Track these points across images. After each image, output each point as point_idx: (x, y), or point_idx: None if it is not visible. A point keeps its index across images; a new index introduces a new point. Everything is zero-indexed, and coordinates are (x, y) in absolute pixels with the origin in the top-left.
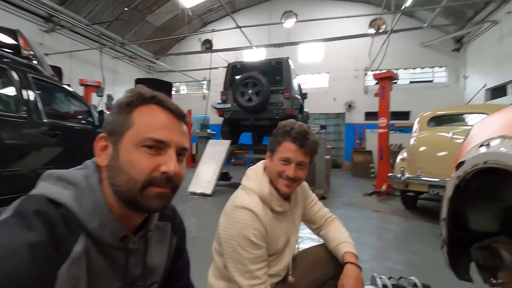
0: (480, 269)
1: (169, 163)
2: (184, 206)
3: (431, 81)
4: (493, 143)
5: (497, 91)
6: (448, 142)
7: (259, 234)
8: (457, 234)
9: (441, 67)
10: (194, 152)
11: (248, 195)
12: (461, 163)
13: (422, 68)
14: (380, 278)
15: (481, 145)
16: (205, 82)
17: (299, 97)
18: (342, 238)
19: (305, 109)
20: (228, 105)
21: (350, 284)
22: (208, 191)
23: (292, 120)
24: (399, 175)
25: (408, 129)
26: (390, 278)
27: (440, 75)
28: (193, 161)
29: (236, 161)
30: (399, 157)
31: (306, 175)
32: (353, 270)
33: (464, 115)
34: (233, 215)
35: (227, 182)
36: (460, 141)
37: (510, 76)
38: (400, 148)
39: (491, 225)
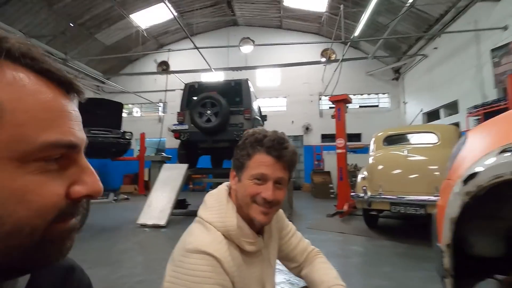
0: None
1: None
2: (130, 242)
3: (377, 105)
4: None
5: (432, 115)
6: (403, 159)
7: None
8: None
9: (384, 93)
10: (146, 179)
11: (206, 232)
12: (472, 176)
13: (369, 94)
14: None
15: (503, 152)
16: (161, 104)
17: (259, 118)
18: (332, 281)
19: None
20: (185, 127)
21: None
22: (162, 221)
23: (262, 127)
24: (361, 194)
25: (360, 150)
26: None
27: (384, 100)
28: (146, 188)
29: (194, 187)
30: (359, 176)
31: (285, 196)
32: None
33: (410, 135)
34: (185, 264)
35: (184, 210)
36: (414, 158)
37: (441, 102)
38: (356, 168)
39: (496, 249)
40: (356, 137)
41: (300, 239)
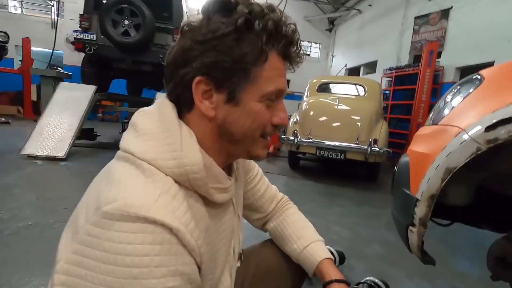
0: (503, 266)
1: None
2: (13, 176)
3: (309, 54)
4: None
5: (353, 71)
6: (332, 107)
7: (188, 277)
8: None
9: (316, 43)
10: (34, 98)
11: (145, 180)
12: (506, 121)
13: (303, 41)
14: None
15: None
16: (53, 2)
17: None
18: (309, 236)
19: None
20: (92, 36)
21: None
22: (60, 153)
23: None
24: (292, 137)
25: (288, 96)
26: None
27: (315, 50)
28: (36, 112)
29: (104, 116)
30: (291, 120)
31: None
32: None
33: (341, 85)
34: (103, 242)
35: (92, 142)
36: (341, 107)
37: (363, 60)
38: None
39: (465, 198)
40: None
41: (268, 184)
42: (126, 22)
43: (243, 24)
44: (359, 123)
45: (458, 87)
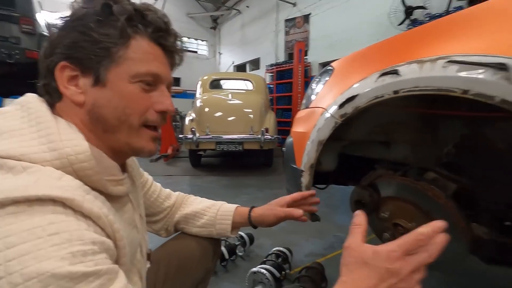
0: (360, 207)
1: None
2: None
3: (196, 51)
4: (405, 69)
5: (240, 68)
6: (225, 103)
7: (101, 245)
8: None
9: (203, 40)
10: None
11: (16, 177)
12: (350, 99)
13: (189, 38)
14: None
15: (382, 75)
16: None
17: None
18: (219, 202)
19: None
20: None
21: None
22: None
23: None
24: (190, 136)
25: (180, 95)
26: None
27: (202, 48)
28: None
29: None
30: (187, 119)
31: None
32: None
33: (231, 81)
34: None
35: None
36: (234, 102)
37: (248, 57)
38: (177, 112)
39: (333, 164)
40: (176, 81)
41: (160, 187)
42: None
43: (101, 7)
44: (251, 115)
45: (319, 77)
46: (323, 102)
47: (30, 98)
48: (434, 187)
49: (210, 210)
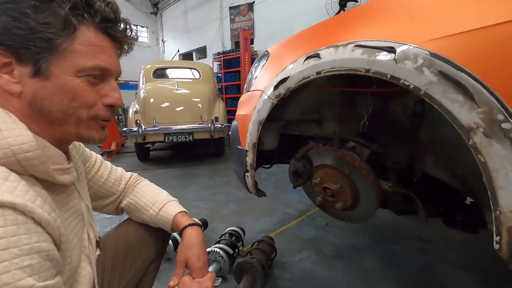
0: (296, 177)
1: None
2: None
3: (136, 39)
4: (325, 53)
5: (187, 56)
6: (171, 93)
7: (46, 254)
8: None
9: (143, 27)
10: None
11: None
12: (283, 81)
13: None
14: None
15: (307, 58)
16: None
17: None
18: (163, 199)
19: None
20: None
21: (196, 255)
22: None
23: None
24: (135, 128)
25: (121, 86)
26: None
27: (143, 35)
28: None
29: None
30: (131, 111)
31: None
32: (195, 233)
33: (176, 70)
34: None
35: None
36: (181, 91)
37: (194, 45)
38: None
39: (274, 143)
40: None
41: (111, 168)
42: None
43: None
44: (200, 105)
45: (257, 62)
46: (261, 84)
47: None
48: (352, 153)
49: (152, 207)
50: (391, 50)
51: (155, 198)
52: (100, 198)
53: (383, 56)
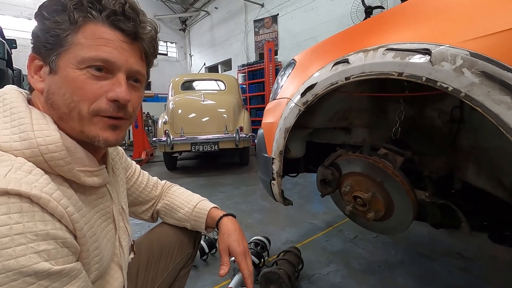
0: (325, 185)
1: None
2: None
3: (166, 54)
4: (354, 58)
5: (212, 69)
6: (198, 104)
7: (63, 241)
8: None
9: (172, 42)
10: None
11: None
12: (310, 87)
13: (158, 40)
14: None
15: (335, 64)
16: None
17: (2, 41)
18: (196, 197)
19: (16, 66)
20: None
21: (236, 240)
22: None
23: None
24: (164, 138)
25: (151, 99)
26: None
27: (172, 50)
28: None
29: None
30: (160, 122)
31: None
32: (231, 221)
33: (203, 82)
34: None
35: None
36: (207, 102)
37: (219, 58)
38: (148, 116)
39: (301, 151)
40: (146, 85)
41: (148, 176)
42: None
43: None
44: (225, 115)
45: (283, 70)
46: (288, 92)
47: (7, 90)
48: (384, 160)
49: (187, 205)
50: (426, 51)
51: (189, 198)
52: (139, 203)
53: (417, 58)
